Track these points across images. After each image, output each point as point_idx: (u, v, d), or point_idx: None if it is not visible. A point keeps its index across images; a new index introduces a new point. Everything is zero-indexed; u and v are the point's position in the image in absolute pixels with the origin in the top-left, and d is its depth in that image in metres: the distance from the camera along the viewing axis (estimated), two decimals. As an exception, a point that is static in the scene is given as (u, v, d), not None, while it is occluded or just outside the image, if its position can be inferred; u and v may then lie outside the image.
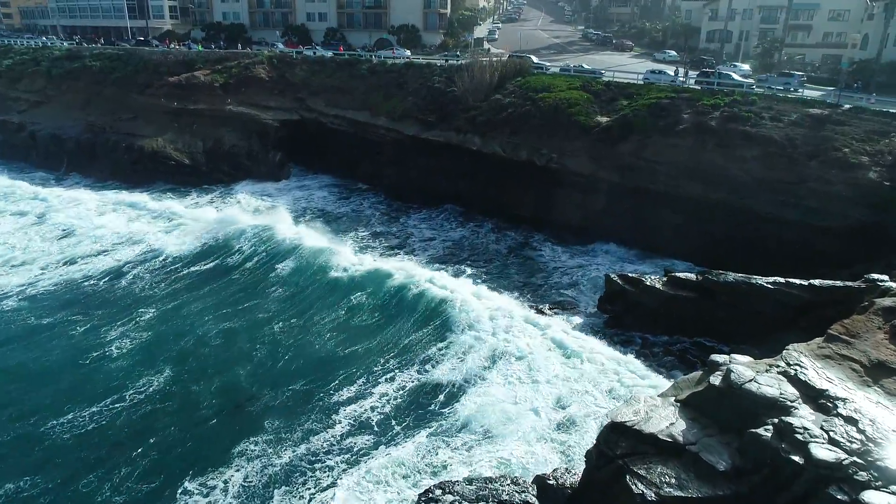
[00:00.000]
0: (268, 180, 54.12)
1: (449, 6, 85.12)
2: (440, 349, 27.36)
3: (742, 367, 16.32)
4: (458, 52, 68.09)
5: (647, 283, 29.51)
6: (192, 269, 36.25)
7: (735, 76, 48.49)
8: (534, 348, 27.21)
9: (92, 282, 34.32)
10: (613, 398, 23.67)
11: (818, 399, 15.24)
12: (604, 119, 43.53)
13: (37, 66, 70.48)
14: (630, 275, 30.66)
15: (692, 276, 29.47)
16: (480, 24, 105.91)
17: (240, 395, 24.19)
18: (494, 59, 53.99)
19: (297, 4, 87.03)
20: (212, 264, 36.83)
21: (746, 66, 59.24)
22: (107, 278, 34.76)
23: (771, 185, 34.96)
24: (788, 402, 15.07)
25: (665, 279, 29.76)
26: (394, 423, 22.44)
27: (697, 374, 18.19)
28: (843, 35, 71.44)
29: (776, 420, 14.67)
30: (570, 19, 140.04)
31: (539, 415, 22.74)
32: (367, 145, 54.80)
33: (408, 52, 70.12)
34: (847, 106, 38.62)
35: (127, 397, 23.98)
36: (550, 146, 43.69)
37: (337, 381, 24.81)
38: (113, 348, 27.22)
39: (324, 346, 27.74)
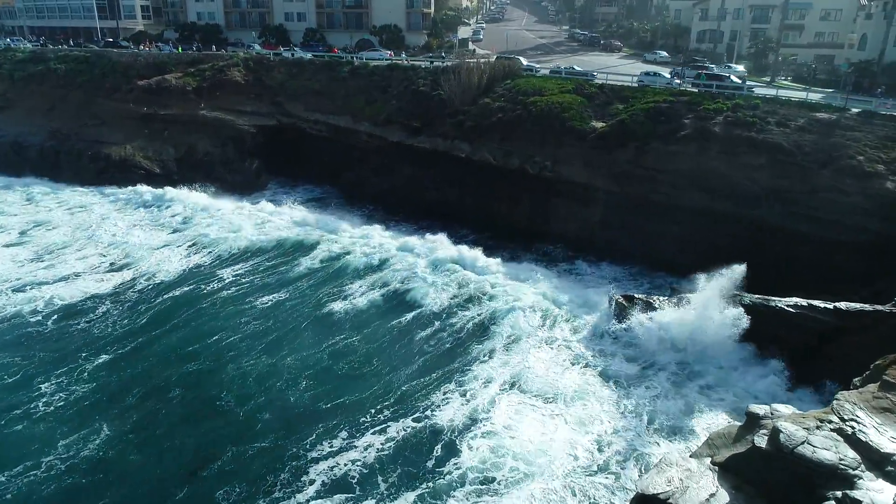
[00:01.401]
0: (242, 193, 50.48)
1: (432, 6, 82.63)
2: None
3: (790, 425, 13.97)
4: (443, 54, 65.54)
5: (656, 306, 27.19)
6: (158, 300, 31.94)
7: (734, 78, 46.44)
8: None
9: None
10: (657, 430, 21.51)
11: (884, 465, 12.97)
12: (599, 124, 41.25)
13: (-2, 69, 66.64)
14: (636, 296, 28.34)
15: (703, 297, 27.21)
16: (466, 25, 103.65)
17: (193, 459, 20.55)
18: (482, 60, 51.50)
19: (275, 4, 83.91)
20: (187, 288, 33.49)
21: (741, 68, 57.44)
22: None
23: (780, 194, 32.92)
24: (850, 471, 12.83)
25: (675, 301, 27.47)
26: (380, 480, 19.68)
27: (733, 427, 15.85)
28: (835, 35, 70.17)
29: (839, 494, 12.39)
30: (554, 19, 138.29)
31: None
32: (349, 152, 52.04)
33: (389, 53, 67.45)
34: (855, 110, 36.69)
35: (45, 465, 19.79)
36: (544, 153, 41.33)
37: (313, 436, 21.61)
38: (40, 403, 22.79)
39: (298, 391, 24.31)
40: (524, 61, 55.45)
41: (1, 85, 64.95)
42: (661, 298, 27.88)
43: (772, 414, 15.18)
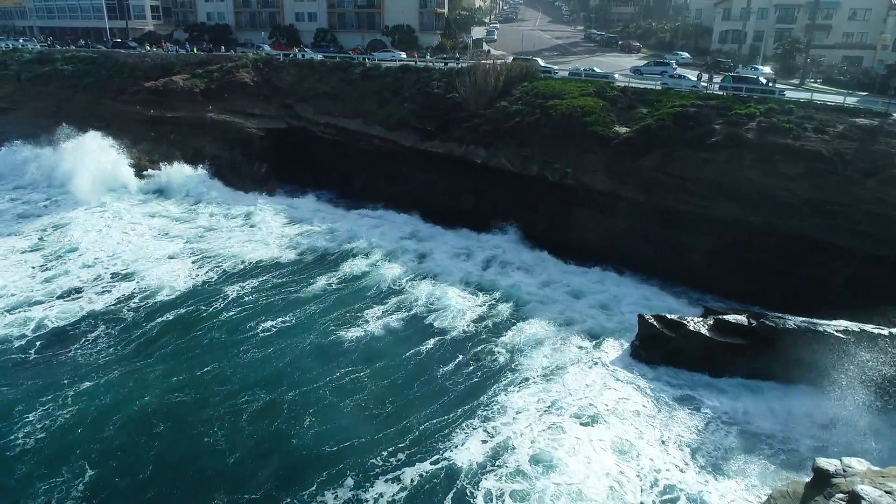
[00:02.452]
0: (250, 199, 48.81)
1: (446, 6, 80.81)
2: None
3: (871, 489, 11.98)
4: (457, 54, 63.72)
5: (691, 328, 25.22)
6: (153, 322, 29.10)
7: (764, 81, 44.23)
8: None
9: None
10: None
11: None
12: (623, 129, 39.25)
13: (5, 69, 65.55)
14: (668, 316, 26.34)
15: (742, 318, 25.21)
16: (484, 24, 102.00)
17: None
18: (498, 62, 49.60)
19: (285, 4, 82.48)
20: (184, 310, 30.61)
21: (768, 69, 55.17)
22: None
23: (820, 206, 30.77)
24: (950, 549, 10.80)
25: (711, 322, 25.46)
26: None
27: (798, 484, 13.88)
28: (864, 35, 67.64)
29: (939, 580, 10.41)
30: (568, 19, 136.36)
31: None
32: (360, 157, 50.31)
33: (403, 55, 65.76)
34: (898, 115, 34.50)
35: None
36: (564, 160, 39.37)
37: (315, 485, 19.17)
38: (20, 437, 20.65)
39: (299, 430, 21.67)
40: (541, 62, 53.54)
41: (7, 86, 63.84)
42: (697, 320, 25.83)
43: (844, 471, 13.23)
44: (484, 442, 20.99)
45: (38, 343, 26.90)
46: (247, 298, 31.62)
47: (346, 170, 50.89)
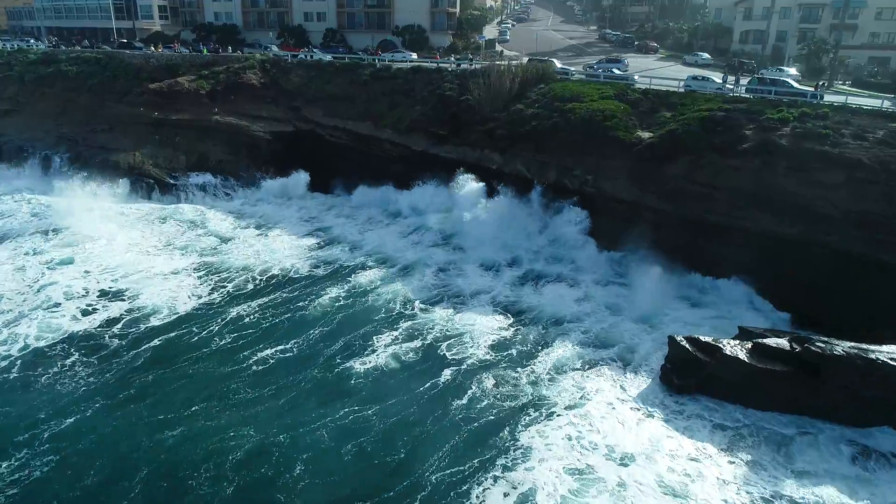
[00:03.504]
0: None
1: (458, 6, 78.95)
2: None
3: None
4: (469, 55, 61.91)
5: (727, 352, 23.25)
6: (139, 349, 26.64)
7: (793, 83, 42.13)
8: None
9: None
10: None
11: None
12: (646, 134, 37.34)
13: (9, 70, 64.35)
14: (702, 339, 24.39)
15: (784, 342, 23.25)
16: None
17: None
18: (513, 63, 47.75)
19: (294, 4, 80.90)
20: (174, 334, 27.77)
21: (793, 71, 52.98)
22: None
23: (862, 218, 28.71)
24: None
25: (749, 346, 23.50)
26: None
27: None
28: (891, 36, 65.26)
29: None
30: (580, 19, 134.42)
31: None
32: (369, 161, 48.59)
33: (414, 55, 64.04)
34: (942, 121, 32.35)
35: None
36: (584, 166, 37.56)
37: None
38: None
39: (289, 481, 19.30)
40: (558, 63, 51.64)
41: (11, 87, 62.56)
42: (733, 343, 23.86)
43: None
44: (506, 495, 18.81)
45: (19, 363, 25.24)
46: (247, 320, 29.31)
47: (355, 175, 49.18)
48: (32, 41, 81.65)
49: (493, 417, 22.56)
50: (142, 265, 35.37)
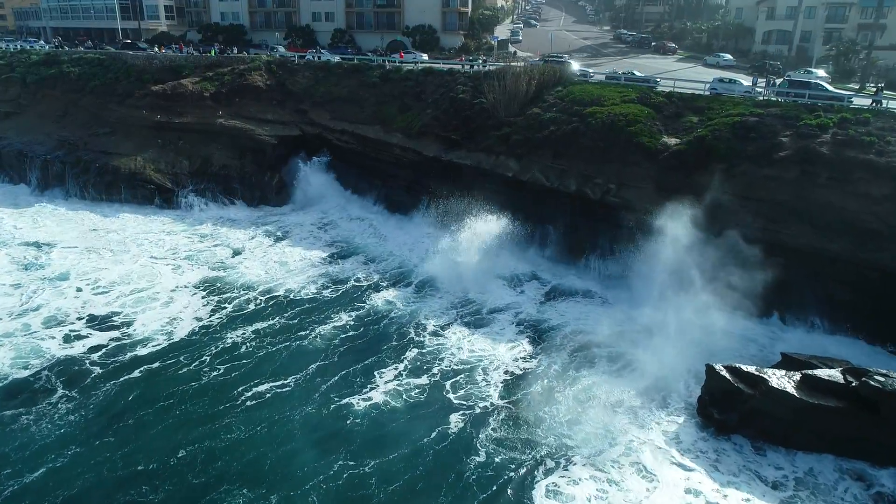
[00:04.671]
0: (260, 213, 45.57)
1: (470, 5, 76.89)
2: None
3: None
4: (482, 56, 59.84)
5: (774, 384, 21.05)
6: (118, 382, 24.17)
7: (827, 86, 39.81)
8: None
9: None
10: None
11: None
12: (672, 140, 35.17)
13: (11, 72, 62.85)
14: (744, 368, 22.19)
15: (836, 374, 21.05)
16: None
17: None
18: (530, 64, 45.65)
19: (302, 4, 79.15)
20: (159, 365, 25.47)
21: (822, 73, 50.58)
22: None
23: (913, 234, 26.46)
24: None
25: (798, 378, 21.28)
26: None
27: None
28: (922, 36, 62.49)
29: None
30: (593, 19, 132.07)
31: None
32: (378, 166, 46.62)
33: (424, 56, 62.08)
34: None
35: None
36: (606, 174, 35.39)
37: None
38: None
39: None
40: (575, 65, 49.48)
41: (13, 89, 61.11)
42: (779, 375, 21.64)
43: None
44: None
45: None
46: (244, 349, 26.85)
47: (363, 180, 47.29)
48: (33, 41, 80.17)
49: (509, 476, 19.79)
50: (141, 282, 33.39)
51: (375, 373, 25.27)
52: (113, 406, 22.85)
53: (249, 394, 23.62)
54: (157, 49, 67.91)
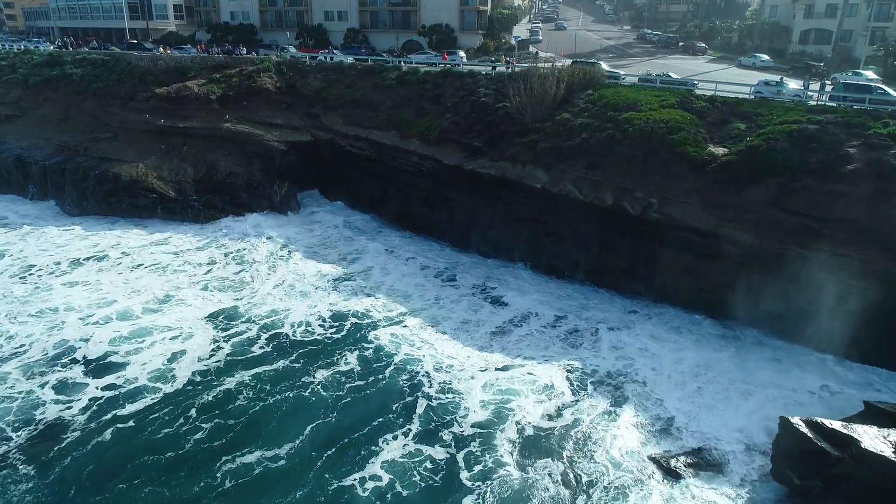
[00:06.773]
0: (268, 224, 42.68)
1: (489, 3, 73.73)
2: None
3: None
4: (504, 57, 56.68)
5: (867, 445, 17.70)
6: (93, 444, 20.95)
7: (890, 91, 36.28)
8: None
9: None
10: None
11: None
12: (720, 150, 31.83)
13: (13, 73, 60.53)
14: (828, 424, 18.84)
15: (943, 436, 17.64)
16: (518, 24, 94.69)
17: None
18: (557, 66, 42.42)
19: (314, 3, 76.37)
20: (137, 423, 21.89)
21: (871, 74, 46.98)
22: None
23: None
24: None
25: (890, 437, 17.93)
26: None
27: None
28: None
29: None
30: (612, 19, 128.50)
31: None
32: (395, 175, 43.58)
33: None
34: None
35: None
36: (646, 187, 32.09)
37: None
38: None
39: None
40: (605, 66, 46.18)
41: (15, 91, 58.67)
42: (872, 432, 18.29)
43: None
44: None
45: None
46: (239, 401, 23.29)
47: (378, 190, 44.32)
48: (38, 41, 77.97)
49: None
50: (143, 316, 29.85)
51: (379, 438, 21.46)
52: (78, 489, 19.16)
53: (234, 466, 20.03)
54: (161, 49, 65.28)
